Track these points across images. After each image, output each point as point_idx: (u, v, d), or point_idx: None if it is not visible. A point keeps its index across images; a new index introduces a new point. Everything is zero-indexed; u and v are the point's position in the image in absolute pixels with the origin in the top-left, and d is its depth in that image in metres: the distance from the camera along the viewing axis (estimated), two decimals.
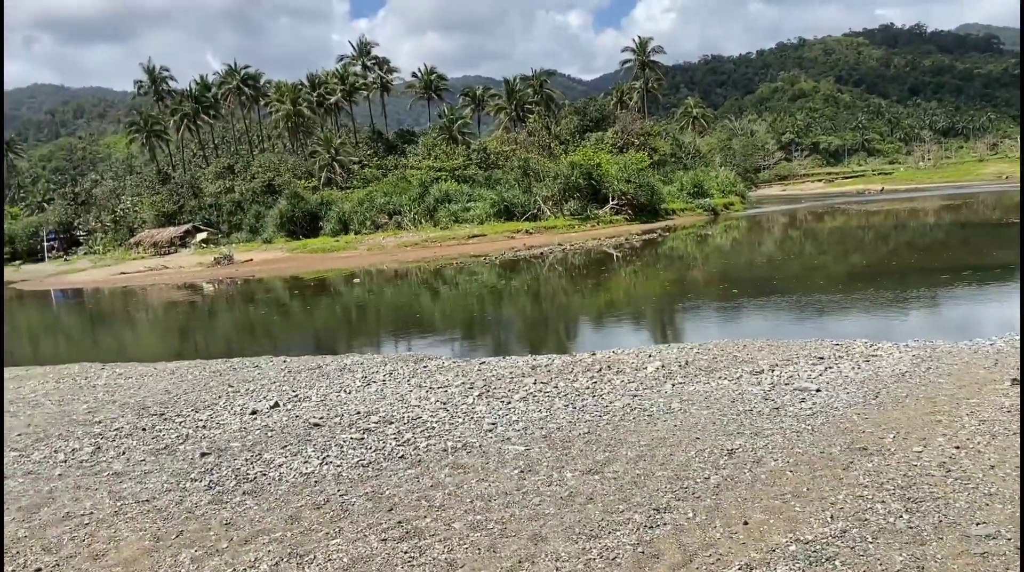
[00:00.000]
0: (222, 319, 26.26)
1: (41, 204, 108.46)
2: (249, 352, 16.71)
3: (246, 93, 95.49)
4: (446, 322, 20.61)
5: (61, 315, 36.80)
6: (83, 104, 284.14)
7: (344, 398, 9.15)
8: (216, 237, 75.19)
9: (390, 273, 40.80)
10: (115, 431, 7.84)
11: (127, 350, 20.34)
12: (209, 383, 10.37)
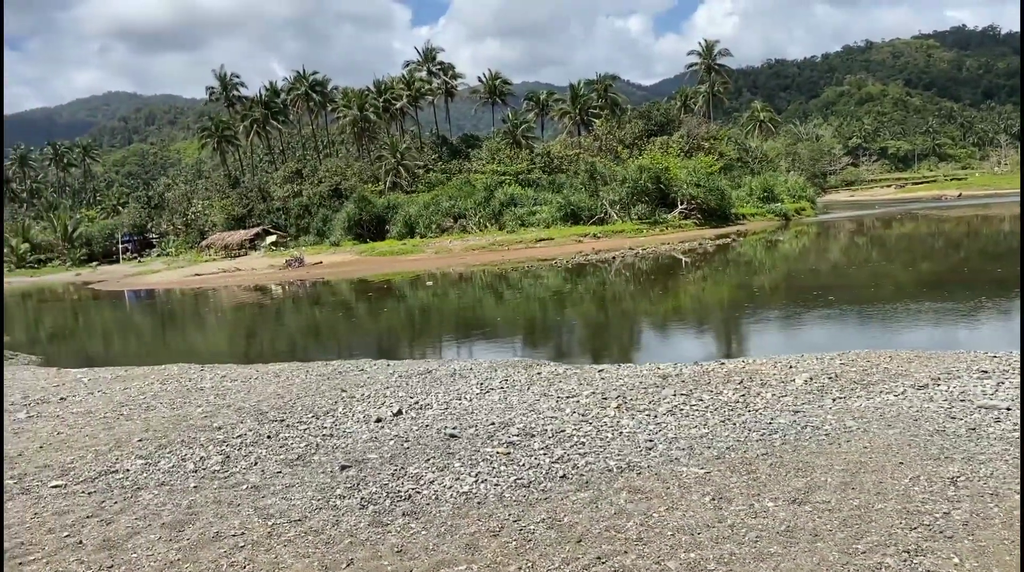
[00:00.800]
0: (303, 320, 26.10)
1: (116, 207, 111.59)
2: (344, 354, 16.32)
3: (314, 99, 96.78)
4: (532, 325, 19.96)
5: (143, 315, 37.30)
6: (154, 111, 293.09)
7: (468, 406, 8.54)
8: (285, 240, 76.20)
9: (460, 276, 40.39)
10: (238, 438, 7.35)
11: (217, 351, 20.20)
12: (320, 387, 9.87)
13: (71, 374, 12.67)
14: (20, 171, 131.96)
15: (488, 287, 33.15)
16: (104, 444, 7.18)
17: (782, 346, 13.47)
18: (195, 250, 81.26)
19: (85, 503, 5.56)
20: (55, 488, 5.91)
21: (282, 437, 7.36)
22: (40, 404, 9.50)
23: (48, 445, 7.19)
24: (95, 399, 9.69)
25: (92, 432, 7.68)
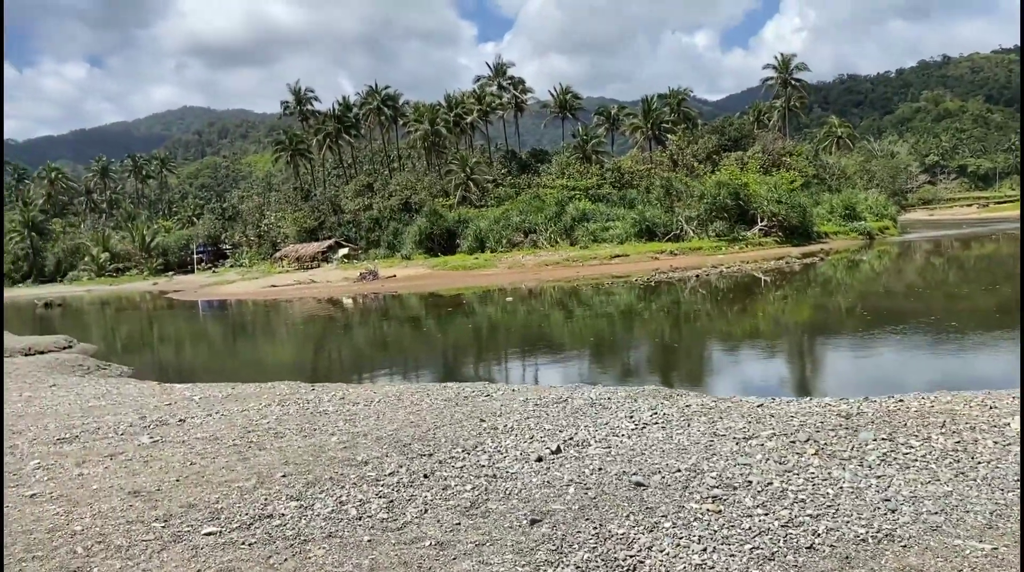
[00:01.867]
0: (391, 335, 25.51)
1: (191, 218, 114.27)
2: (451, 374, 15.51)
3: (385, 113, 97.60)
4: (634, 346, 18.91)
5: (225, 326, 37.37)
6: (227, 125, 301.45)
7: (631, 445, 7.55)
8: (357, 253, 76.62)
9: (538, 292, 39.52)
10: (391, 476, 6.50)
11: (314, 366, 19.65)
12: (453, 415, 9.01)
13: (177, 391, 12.10)
14: (101, 182, 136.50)
15: (571, 304, 32.16)
16: (245, 479, 6.40)
17: (938, 378, 12.14)
18: (268, 261, 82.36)
19: (249, 557, 4.74)
20: (209, 536, 5.13)
21: (440, 477, 6.48)
22: (159, 426, 8.84)
23: (185, 478, 6.45)
24: (216, 422, 8.99)
25: (227, 463, 6.93)
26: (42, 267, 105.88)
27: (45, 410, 10.27)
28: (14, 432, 8.63)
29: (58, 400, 11.28)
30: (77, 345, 25.32)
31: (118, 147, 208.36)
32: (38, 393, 12.15)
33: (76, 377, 16.61)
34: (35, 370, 17.20)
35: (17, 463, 7.17)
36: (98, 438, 8.24)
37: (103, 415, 9.69)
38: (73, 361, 19.51)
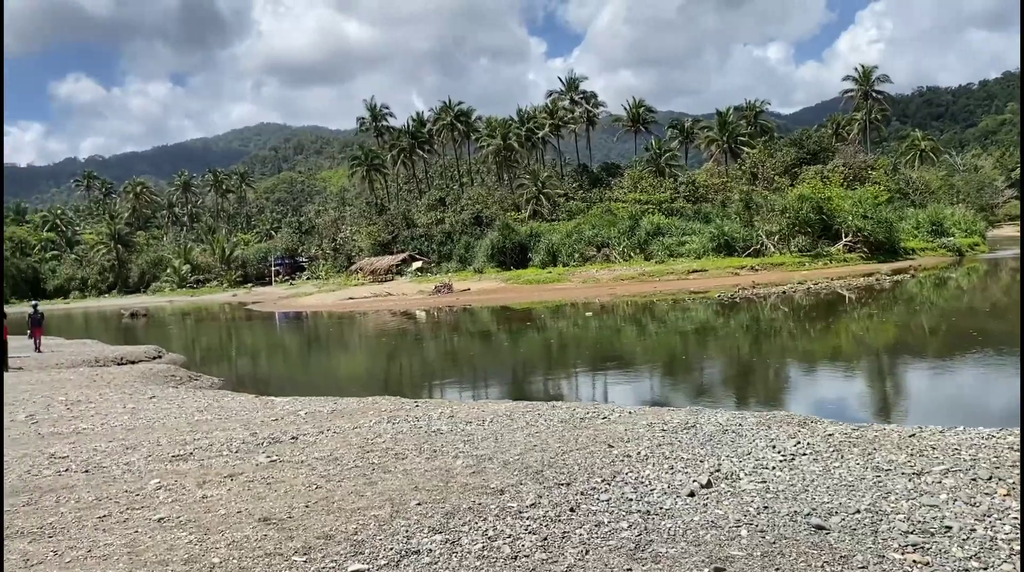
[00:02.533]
0: (478, 349, 25.09)
1: (269, 232, 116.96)
2: (551, 392, 14.95)
3: (458, 128, 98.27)
4: (739, 367, 17.99)
5: (307, 337, 37.63)
6: (303, 141, 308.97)
7: (785, 479, 6.82)
8: (429, 266, 76.98)
9: (614, 307, 38.73)
10: (531, 507, 5.94)
11: (405, 380, 19.34)
12: (578, 438, 8.41)
13: (279, 405, 11.82)
14: (183, 196, 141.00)
15: (653, 320, 31.27)
16: (378, 506, 5.92)
17: None
18: (344, 274, 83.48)
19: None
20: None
21: (587, 511, 5.89)
22: (273, 444, 8.49)
23: (314, 504, 6.01)
24: (330, 440, 8.59)
25: (355, 488, 6.47)
26: (127, 278, 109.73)
27: (153, 424, 10.07)
28: (127, 447, 8.39)
29: (162, 413, 11.10)
30: (166, 355, 25.67)
31: (198, 163, 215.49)
32: (141, 405, 12.04)
33: (172, 388, 16.62)
34: (131, 380, 17.29)
35: (137, 481, 6.86)
36: (213, 455, 7.91)
37: (212, 430, 9.42)
38: (165, 372, 19.62)
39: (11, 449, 8.47)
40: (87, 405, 12.12)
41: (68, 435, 9.32)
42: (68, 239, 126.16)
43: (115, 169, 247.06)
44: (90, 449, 8.30)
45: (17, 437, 9.24)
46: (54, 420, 10.54)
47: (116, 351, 25.33)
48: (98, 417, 10.73)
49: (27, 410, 11.63)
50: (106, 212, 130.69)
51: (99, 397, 13.37)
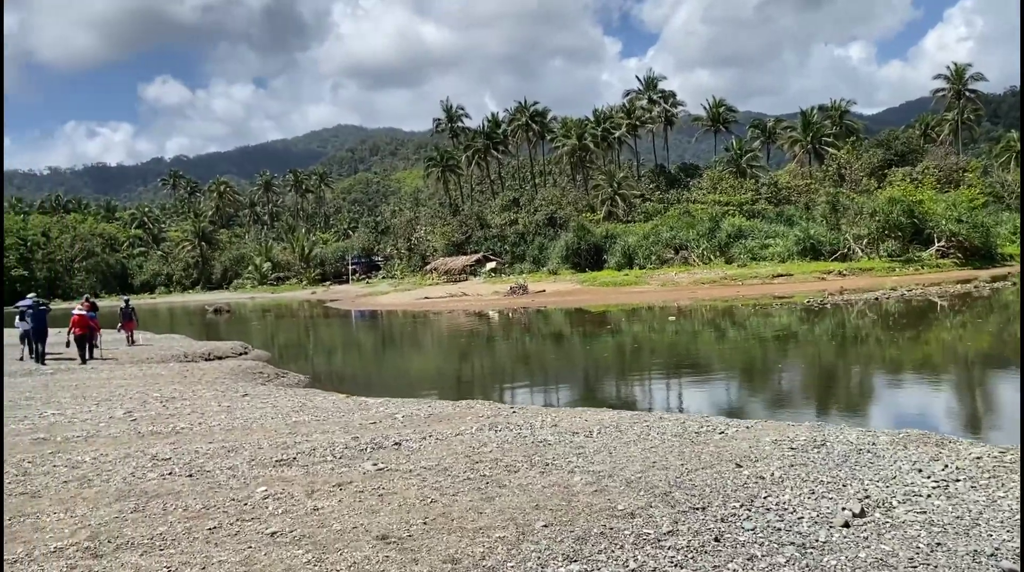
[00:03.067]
0: (563, 352, 24.53)
1: (346, 231, 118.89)
2: (653, 401, 14.32)
3: (533, 129, 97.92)
4: (845, 378, 16.96)
5: (386, 336, 37.70)
6: (378, 142, 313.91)
7: (947, 509, 6.07)
8: (502, 266, 76.82)
9: (696, 311, 37.65)
10: (669, 534, 5.35)
11: (491, 383, 18.93)
12: (700, 455, 7.78)
13: (373, 407, 11.50)
14: (264, 196, 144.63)
15: (741, 325, 30.16)
16: (501, 526, 5.43)
17: None
18: (419, 274, 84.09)
19: None
20: None
21: (735, 542, 5.28)
22: (376, 449, 8.11)
23: (432, 521, 5.56)
24: (434, 448, 8.17)
25: (471, 503, 6.00)
26: (210, 274, 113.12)
27: (250, 424, 9.85)
28: (229, 449, 8.14)
29: (258, 412, 10.90)
30: (252, 351, 25.92)
31: (278, 163, 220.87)
32: (235, 403, 11.89)
33: (261, 385, 16.58)
34: (222, 377, 17.33)
35: (243, 488, 6.54)
36: (317, 461, 7.58)
37: (311, 433, 9.12)
38: (253, 368, 19.66)
39: (113, 448, 8.33)
40: (182, 402, 12.04)
41: (167, 434, 9.16)
42: (155, 236, 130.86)
43: (199, 169, 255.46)
44: (191, 451, 8.08)
45: (117, 435, 9.12)
46: (152, 418, 10.44)
47: (203, 347, 25.69)
48: (195, 416, 10.59)
49: (124, 406, 11.61)
50: (191, 210, 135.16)
51: (192, 394, 13.33)
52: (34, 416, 10.59)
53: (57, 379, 16.07)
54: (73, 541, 5.11)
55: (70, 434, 9.11)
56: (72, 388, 14.16)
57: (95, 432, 9.24)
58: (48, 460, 7.68)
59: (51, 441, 8.75)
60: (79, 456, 7.84)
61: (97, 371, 17.86)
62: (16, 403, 12.09)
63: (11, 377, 16.85)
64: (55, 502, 6.09)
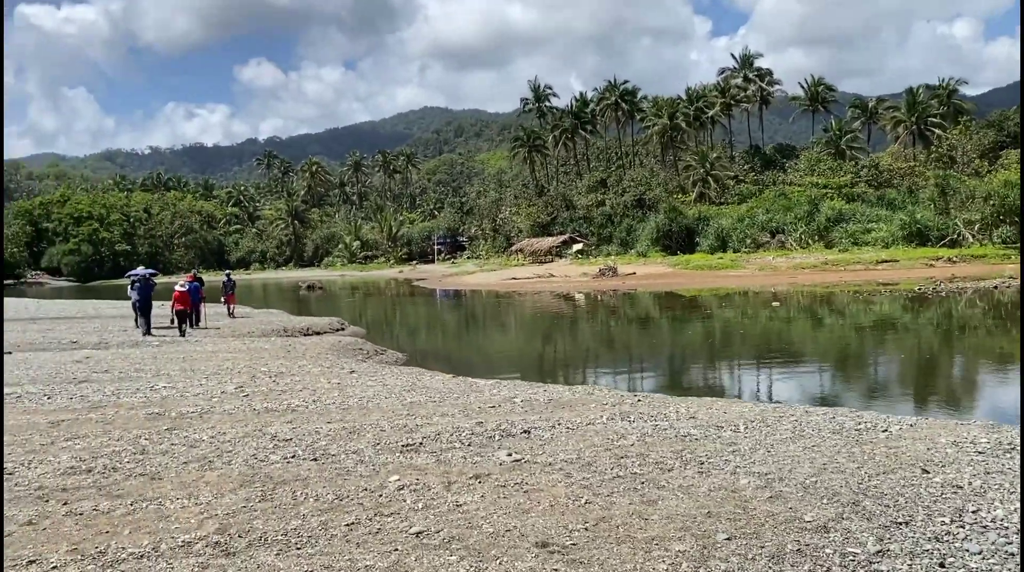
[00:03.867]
0: (667, 337, 23.53)
1: (432, 212, 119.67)
2: (775, 392, 13.31)
3: (623, 108, 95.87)
4: (978, 371, 15.48)
5: (477, 316, 37.26)
6: (463, 124, 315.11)
7: None
8: (589, 248, 75.71)
9: (797, 297, 35.90)
10: (879, 555, 4.51)
11: (597, 366, 18.17)
12: (873, 456, 6.82)
13: (486, 389, 10.87)
14: (353, 176, 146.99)
15: (848, 312, 28.45)
16: (676, 537, 4.68)
17: None
18: (504, 254, 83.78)
19: None
20: None
21: (966, 570, 4.38)
22: (506, 437, 7.46)
23: (595, 528, 4.85)
24: (568, 438, 7.45)
25: (632, 507, 5.26)
26: (302, 252, 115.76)
27: (365, 403, 9.36)
28: (350, 431, 7.63)
29: (370, 391, 10.42)
30: (348, 327, 25.85)
31: (365, 144, 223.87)
32: (345, 381, 11.48)
33: (363, 362, 16.26)
34: (323, 352, 17.10)
35: (374, 477, 5.97)
36: (446, 447, 6.97)
37: (431, 415, 8.55)
38: (352, 345, 19.41)
39: (231, 426, 7.95)
40: (291, 378, 11.71)
41: (283, 412, 8.74)
42: (250, 214, 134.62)
43: (291, 149, 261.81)
44: (312, 431, 7.60)
45: (232, 412, 8.76)
46: (264, 393, 10.08)
47: (302, 322, 25.74)
48: (307, 392, 10.19)
49: (235, 381, 11.33)
50: (284, 189, 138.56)
51: (299, 369, 13.02)
52: (145, 389, 10.39)
53: (164, 351, 16.10)
54: (201, 534, 4.62)
55: (184, 409, 8.80)
56: (180, 360, 14.07)
57: (209, 408, 8.91)
58: (165, 437, 7.32)
59: (165, 416, 8.44)
60: (196, 434, 7.46)
61: (202, 344, 17.90)
62: (127, 374, 11.99)
63: (119, 348, 17.03)
64: (177, 486, 5.66)
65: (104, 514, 4.94)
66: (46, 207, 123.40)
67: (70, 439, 7.22)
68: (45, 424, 7.92)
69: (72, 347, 17.04)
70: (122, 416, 8.31)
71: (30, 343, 17.59)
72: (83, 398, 9.39)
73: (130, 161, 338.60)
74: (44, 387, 10.38)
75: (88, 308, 32.74)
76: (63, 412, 8.61)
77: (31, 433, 7.53)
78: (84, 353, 15.20)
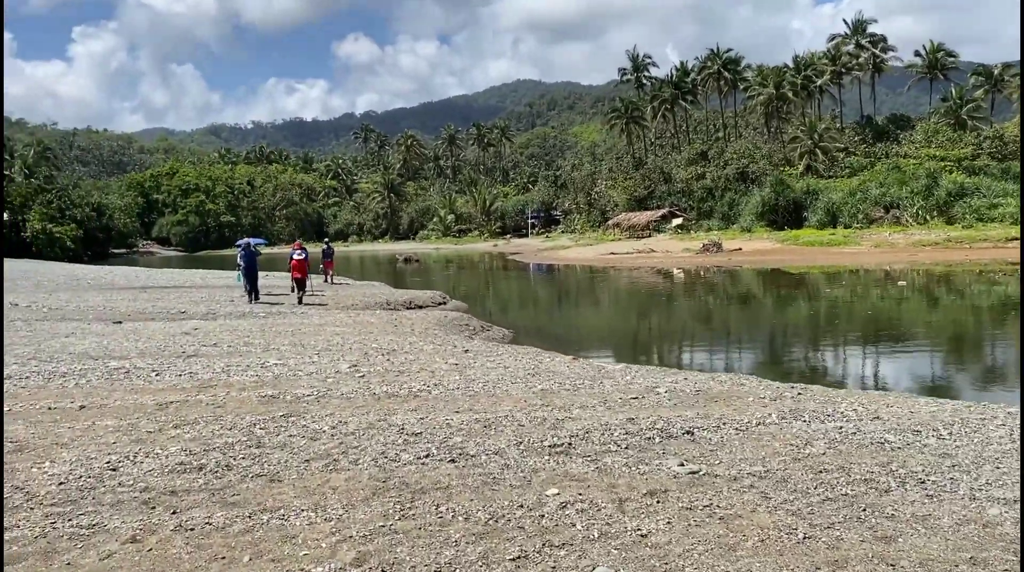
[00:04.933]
0: (792, 318, 21.87)
1: (526, 185, 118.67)
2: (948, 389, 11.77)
3: (725, 77, 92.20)
4: None
5: (576, 291, 36.08)
6: (555, 97, 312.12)
7: None
8: (689, 223, 73.37)
9: (926, 276, 33.30)
10: None
11: (733, 351, 16.84)
12: None
13: (616, 374, 9.78)
14: (448, 149, 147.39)
15: (986, 293, 25.95)
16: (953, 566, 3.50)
17: None
18: (600, 229, 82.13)
19: None
20: None
21: None
22: (667, 439, 6.34)
23: None
24: (741, 442, 6.30)
25: (867, 547, 4.10)
26: (397, 225, 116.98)
27: (491, 389, 8.42)
28: (485, 424, 6.68)
29: (491, 374, 9.49)
30: (449, 301, 25.21)
31: (458, 118, 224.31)
32: (463, 362, 10.58)
33: (473, 340, 15.45)
34: (430, 327, 16.37)
35: (526, 487, 4.97)
36: (600, 450, 5.94)
37: (568, 406, 7.54)
38: (458, 320, 18.64)
39: (350, 413, 7.13)
40: (404, 356, 10.90)
41: (405, 397, 7.88)
42: (347, 187, 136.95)
43: (385, 124, 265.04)
44: (441, 423, 6.69)
45: (351, 396, 7.95)
46: (381, 374, 9.27)
47: (403, 295, 25.25)
48: (425, 373, 9.33)
49: (347, 358, 10.60)
50: (380, 163, 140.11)
51: (411, 347, 12.24)
52: (256, 366, 9.74)
53: (271, 323, 15.68)
54: (336, 567, 3.72)
55: (299, 392, 8.05)
56: (288, 334, 13.53)
57: (325, 390, 8.13)
58: (282, 427, 6.53)
59: (280, 400, 7.69)
60: (315, 423, 6.66)
61: (308, 316, 17.45)
62: (236, 349, 11.45)
63: (227, 318, 16.74)
64: (300, 492, 4.81)
65: (219, 530, 4.12)
66: (156, 179, 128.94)
67: (179, 426, 6.53)
68: (153, 406, 7.29)
69: (181, 317, 16.84)
70: (234, 398, 7.61)
71: (140, 312, 17.51)
72: (192, 376, 8.79)
73: (234, 135, 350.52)
74: (152, 361, 9.88)
75: (196, 278, 33.27)
76: (172, 392, 7.99)
77: (138, 416, 6.89)
78: (192, 324, 14.88)
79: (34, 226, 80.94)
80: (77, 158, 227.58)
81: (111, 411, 7.00)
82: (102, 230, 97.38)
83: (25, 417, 6.87)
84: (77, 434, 6.18)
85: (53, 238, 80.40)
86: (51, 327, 13.96)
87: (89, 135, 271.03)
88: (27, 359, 9.78)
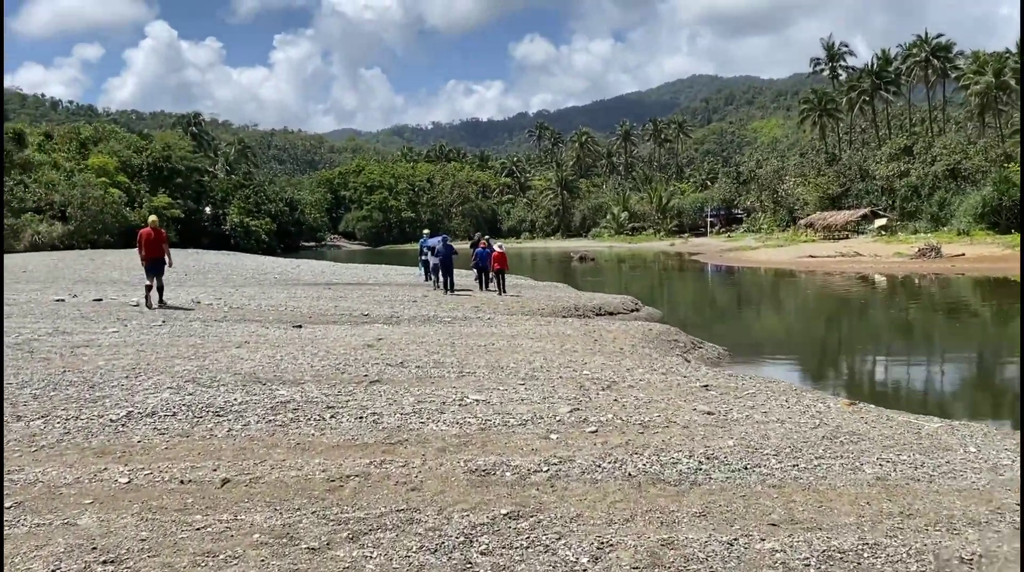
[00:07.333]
0: None
1: (704, 182, 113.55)
2: None
3: (933, 66, 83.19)
4: None
5: (781, 299, 32.31)
6: (734, 92, 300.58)
7: None
8: (893, 224, 66.51)
9: None
10: None
11: None
12: None
13: (957, 446, 6.90)
14: (622, 146, 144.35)
15: None
16: None
17: None
18: (790, 229, 76.46)
19: None
20: None
21: None
22: None
23: None
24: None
25: None
26: (569, 222, 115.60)
27: (792, 470, 5.79)
28: (830, 557, 4.12)
29: (769, 434, 6.85)
30: (643, 308, 22.71)
31: (630, 115, 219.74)
32: (714, 405, 8.02)
33: (689, 362, 12.88)
34: (637, 344, 13.95)
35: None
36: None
37: (925, 511, 4.81)
38: (663, 334, 16.04)
39: (606, 512, 4.69)
40: (631, 394, 8.47)
41: (676, 484, 5.33)
42: (521, 184, 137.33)
43: (558, 122, 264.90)
44: (761, 553, 4.18)
45: (595, 472, 5.45)
46: (618, 429, 6.83)
47: (592, 300, 23.01)
48: (675, 429, 6.83)
49: (561, 394, 8.27)
50: (554, 160, 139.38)
51: (628, 374, 9.83)
52: (453, 403, 7.58)
53: (458, 332, 13.84)
54: None
55: (520, 462, 5.60)
56: (482, 350, 11.51)
57: (556, 463, 5.73)
58: (513, 547, 4.20)
59: (498, 480, 5.22)
60: (564, 545, 4.24)
61: (496, 324, 15.53)
62: (426, 372, 9.40)
63: (411, 324, 15.16)
64: None
65: None
66: (344, 177, 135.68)
67: (355, 537, 4.34)
68: (321, 481, 5.12)
69: (363, 321, 15.42)
70: (432, 471, 5.37)
71: (322, 314, 16.30)
72: (376, 420, 6.71)
73: (415, 135, 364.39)
74: (329, 391, 8.00)
75: (379, 273, 32.77)
76: (349, 451, 5.86)
77: (299, 508, 4.72)
78: (375, 332, 13.27)
79: (233, 219, 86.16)
80: (274, 157, 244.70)
81: (262, 492, 4.88)
82: (294, 224, 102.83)
83: (146, 499, 4.87)
84: (206, 547, 4.14)
85: (249, 231, 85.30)
86: (227, 331, 12.76)
87: (285, 135, 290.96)
88: (184, 382, 8.19)
